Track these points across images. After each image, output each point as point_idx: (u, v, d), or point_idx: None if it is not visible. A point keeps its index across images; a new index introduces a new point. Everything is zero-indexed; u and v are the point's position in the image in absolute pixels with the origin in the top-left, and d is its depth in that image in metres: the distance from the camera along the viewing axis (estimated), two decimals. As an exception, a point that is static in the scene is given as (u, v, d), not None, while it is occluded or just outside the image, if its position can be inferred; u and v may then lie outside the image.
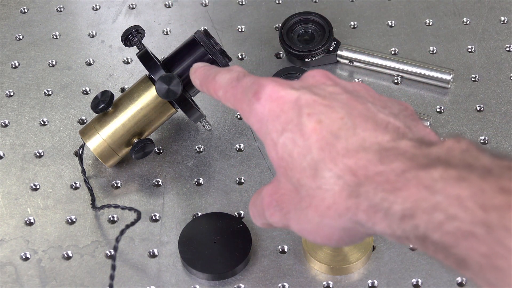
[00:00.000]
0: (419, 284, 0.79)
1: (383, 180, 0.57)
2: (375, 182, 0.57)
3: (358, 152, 0.59)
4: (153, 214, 0.86)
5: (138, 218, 0.81)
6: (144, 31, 0.87)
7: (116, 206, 0.84)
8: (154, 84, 0.85)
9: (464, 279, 0.80)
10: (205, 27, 1.01)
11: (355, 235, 0.62)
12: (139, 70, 0.97)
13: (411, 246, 0.81)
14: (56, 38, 1.02)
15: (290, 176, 0.63)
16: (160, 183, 0.88)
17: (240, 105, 0.67)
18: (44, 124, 0.93)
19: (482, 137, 0.90)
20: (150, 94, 0.86)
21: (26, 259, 0.83)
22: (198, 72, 0.76)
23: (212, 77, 0.72)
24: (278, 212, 0.66)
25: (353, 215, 0.59)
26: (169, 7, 1.05)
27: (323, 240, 0.63)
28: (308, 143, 0.61)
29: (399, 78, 0.95)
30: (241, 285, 0.80)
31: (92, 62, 0.99)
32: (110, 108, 0.85)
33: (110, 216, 0.85)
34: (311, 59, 0.95)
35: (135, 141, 0.86)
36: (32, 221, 0.85)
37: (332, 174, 0.60)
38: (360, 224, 0.59)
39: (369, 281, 0.80)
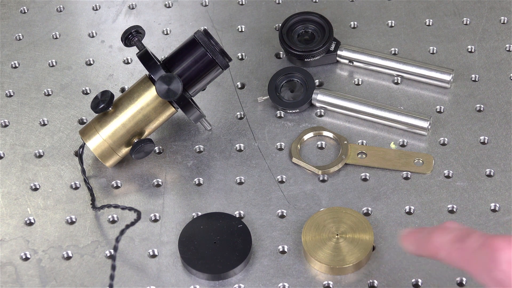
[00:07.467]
0: (419, 284, 0.79)
1: None
2: None
3: None
4: (153, 214, 0.86)
5: (138, 218, 0.81)
6: (144, 31, 0.87)
7: (116, 206, 0.84)
8: (154, 84, 0.85)
9: (464, 279, 0.80)
10: (205, 27, 1.01)
11: None
12: (139, 70, 0.97)
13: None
14: (56, 38, 1.02)
15: None
16: (160, 183, 0.88)
17: (473, 269, 0.66)
18: (44, 124, 0.93)
19: (482, 137, 0.90)
20: (150, 94, 0.86)
21: (26, 259, 0.83)
22: (410, 238, 0.73)
23: (427, 239, 0.70)
24: None
25: None
26: (169, 7, 1.05)
27: None
28: None
29: (399, 78, 0.95)
30: (241, 285, 0.80)
31: (92, 62, 0.99)
32: (110, 108, 0.85)
33: (110, 216, 0.85)
34: (311, 59, 0.95)
35: (135, 141, 0.86)
36: (32, 221, 0.85)
37: None
38: None
39: (369, 281, 0.80)
